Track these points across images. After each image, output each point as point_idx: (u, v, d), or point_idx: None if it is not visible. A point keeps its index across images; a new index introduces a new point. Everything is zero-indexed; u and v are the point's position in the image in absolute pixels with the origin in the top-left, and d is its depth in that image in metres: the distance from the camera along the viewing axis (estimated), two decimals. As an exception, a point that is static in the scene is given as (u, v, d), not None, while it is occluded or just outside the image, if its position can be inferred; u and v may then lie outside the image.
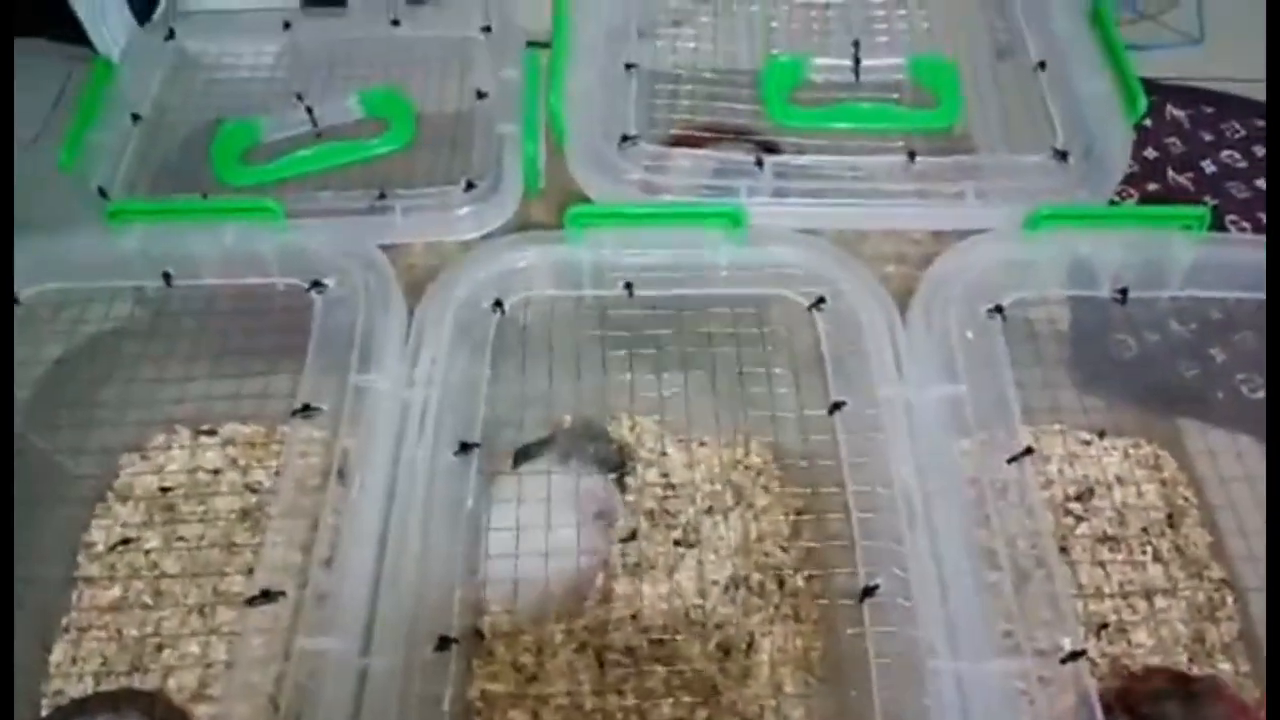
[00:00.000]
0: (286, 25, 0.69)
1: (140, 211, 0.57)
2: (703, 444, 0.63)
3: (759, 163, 0.58)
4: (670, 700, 0.52)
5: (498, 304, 0.54)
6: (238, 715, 0.45)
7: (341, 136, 0.64)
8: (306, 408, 0.50)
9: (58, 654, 0.55)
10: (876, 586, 0.45)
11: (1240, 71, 0.86)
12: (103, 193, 0.59)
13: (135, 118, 0.64)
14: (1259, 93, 0.84)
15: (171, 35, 0.68)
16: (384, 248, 0.56)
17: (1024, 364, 0.52)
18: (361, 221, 0.57)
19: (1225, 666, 0.54)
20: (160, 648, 0.55)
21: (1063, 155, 0.59)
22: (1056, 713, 0.43)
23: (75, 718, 0.52)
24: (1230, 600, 0.56)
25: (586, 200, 0.57)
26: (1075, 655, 0.43)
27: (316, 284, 0.54)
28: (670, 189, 0.58)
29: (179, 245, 0.56)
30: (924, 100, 0.65)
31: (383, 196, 0.58)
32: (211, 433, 0.64)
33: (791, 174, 0.58)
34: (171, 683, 0.53)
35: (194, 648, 0.55)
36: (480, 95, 0.63)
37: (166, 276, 0.55)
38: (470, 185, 0.58)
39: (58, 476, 0.58)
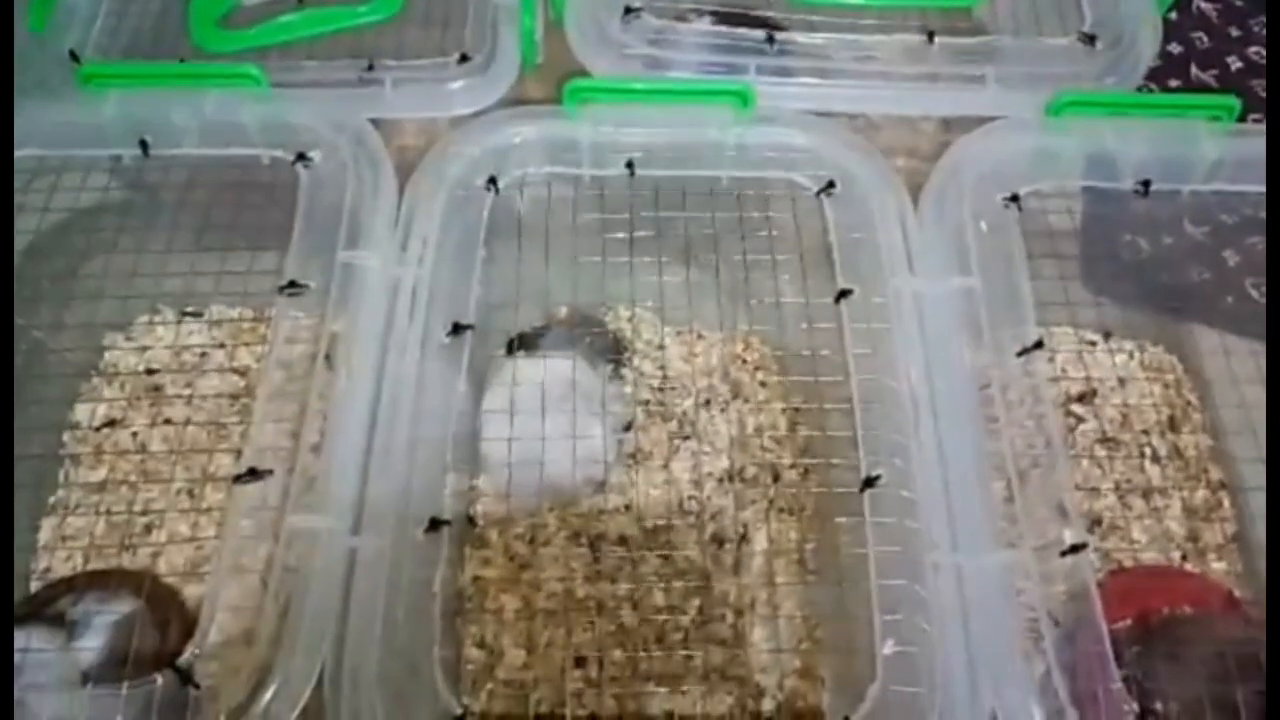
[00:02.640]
0: (267, -119, 0.64)
1: (115, 76, 0.54)
2: (701, 337, 0.62)
3: (770, 39, 0.55)
4: (662, 588, 0.52)
5: (492, 181, 0.52)
6: (227, 594, 0.44)
7: (326, 3, 0.60)
8: (293, 284, 0.48)
9: (45, 531, 0.55)
10: (878, 477, 0.44)
11: (1275, -38, 0.82)
12: (74, 56, 0.56)
13: (107, -24, 0.60)
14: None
15: (144, -112, 0.64)
16: (373, 124, 0.53)
17: (1036, 257, 0.51)
18: (349, 94, 0.55)
19: (1219, 565, 0.54)
20: (149, 528, 0.54)
21: (1090, 39, 0.56)
22: (1053, 606, 0.43)
23: (66, 595, 0.51)
24: (1227, 502, 0.56)
25: (587, 77, 0.54)
26: (1076, 549, 0.43)
27: (302, 156, 0.51)
28: (675, 65, 0.55)
29: (157, 113, 0.53)
30: (945, -22, 0.62)
31: (371, 68, 0.55)
32: (197, 315, 0.62)
33: (804, 52, 0.55)
34: (161, 562, 0.53)
35: (183, 527, 0.54)
36: (475, -38, 0.60)
37: (144, 145, 0.53)
38: (464, 58, 0.56)
39: (38, 352, 0.57)
